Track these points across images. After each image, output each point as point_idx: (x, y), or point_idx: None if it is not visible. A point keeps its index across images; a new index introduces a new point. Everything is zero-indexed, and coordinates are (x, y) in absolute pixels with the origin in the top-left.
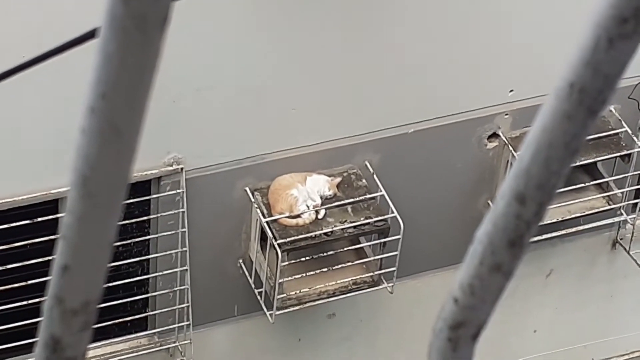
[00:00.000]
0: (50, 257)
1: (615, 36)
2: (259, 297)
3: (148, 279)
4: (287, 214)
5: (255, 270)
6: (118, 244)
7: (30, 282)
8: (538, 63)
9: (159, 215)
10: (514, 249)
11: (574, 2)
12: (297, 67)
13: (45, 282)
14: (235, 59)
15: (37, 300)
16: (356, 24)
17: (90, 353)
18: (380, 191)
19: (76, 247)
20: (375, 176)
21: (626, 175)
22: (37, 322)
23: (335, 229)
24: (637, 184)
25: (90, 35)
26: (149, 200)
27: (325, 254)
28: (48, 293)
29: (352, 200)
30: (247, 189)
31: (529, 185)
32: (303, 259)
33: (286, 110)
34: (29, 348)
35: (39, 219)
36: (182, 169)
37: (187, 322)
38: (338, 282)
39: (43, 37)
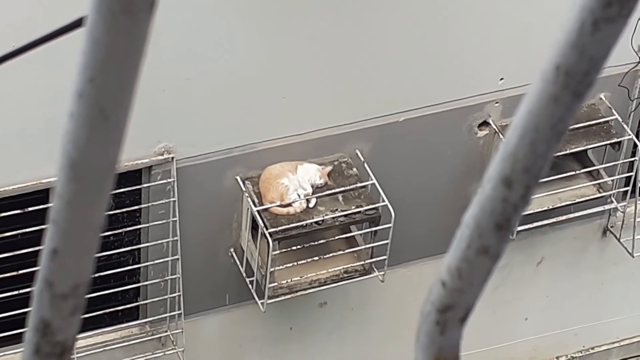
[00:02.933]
0: (40, 247)
1: (600, 19)
2: (250, 286)
3: (139, 268)
4: (278, 203)
5: (247, 259)
6: (109, 233)
7: (20, 271)
8: (528, 51)
9: (149, 204)
10: (501, 232)
11: None
12: (287, 55)
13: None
14: (225, 47)
15: (27, 290)
16: (346, 13)
17: (82, 342)
18: (371, 180)
19: (65, 230)
20: (366, 165)
21: (616, 163)
22: (28, 312)
23: (326, 217)
24: (628, 172)
25: (77, 23)
26: (140, 189)
27: (316, 242)
28: (38, 277)
29: (343, 189)
30: (238, 178)
31: (515, 168)
32: (294, 247)
33: (276, 99)
34: (19, 338)
35: (29, 209)
36: (172, 158)
37: (179, 312)
38: (329, 270)
39: (31, 26)
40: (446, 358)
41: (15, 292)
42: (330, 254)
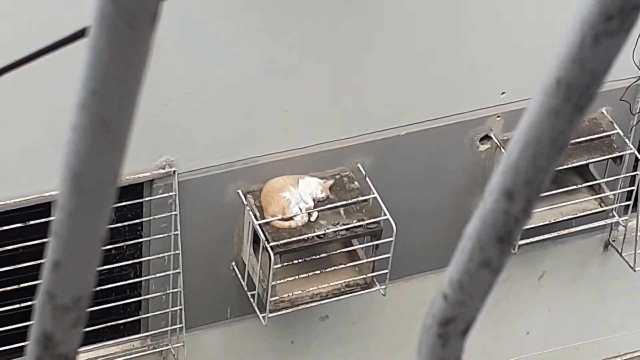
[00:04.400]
0: (42, 260)
1: (601, 33)
2: (251, 300)
3: (141, 281)
4: (279, 217)
5: (248, 272)
6: (111, 246)
7: (22, 285)
8: (530, 65)
9: (151, 218)
10: (503, 245)
11: (563, 6)
12: (288, 69)
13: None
14: (227, 62)
15: (29, 302)
16: (348, 28)
17: (83, 356)
18: (373, 193)
19: (67, 243)
20: (367, 178)
21: (618, 177)
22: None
23: (327, 231)
24: (629, 186)
25: (80, 34)
26: (142, 203)
27: (317, 256)
28: (39, 290)
29: (344, 202)
30: (240, 191)
31: (517, 181)
32: (296, 261)
33: (278, 113)
34: (22, 351)
35: (31, 222)
36: (174, 171)
37: (180, 325)
38: (331, 284)
39: (32, 38)
40: None
41: (17, 305)
42: (332, 268)
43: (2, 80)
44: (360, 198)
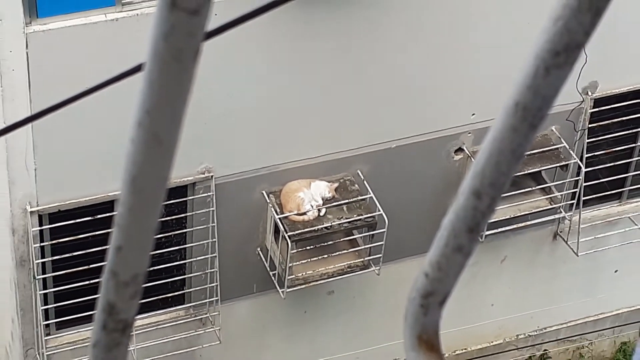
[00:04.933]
0: (107, 246)
1: (551, 66)
2: (273, 278)
3: (185, 263)
4: (295, 212)
5: (270, 256)
6: (161, 235)
7: (92, 265)
8: (494, 93)
9: (193, 213)
10: (472, 234)
11: (520, 44)
12: (303, 96)
13: (103, 265)
14: (253, 91)
15: (97, 279)
16: (352, 63)
17: (139, 322)
18: (369, 194)
19: (127, 231)
20: (365, 182)
21: (564, 181)
22: (97, 297)
23: (333, 223)
24: (573, 188)
25: (137, 68)
26: (186, 201)
27: (325, 243)
28: (105, 269)
29: (346, 201)
30: (264, 192)
31: (483, 183)
32: (308, 247)
33: (294, 130)
34: (91, 318)
35: (99, 216)
36: (212, 176)
37: (216, 298)
38: (335, 266)
39: (100, 69)
40: (428, 335)
41: (88, 282)
42: (337, 253)
43: (81, 104)
44: (359, 197)
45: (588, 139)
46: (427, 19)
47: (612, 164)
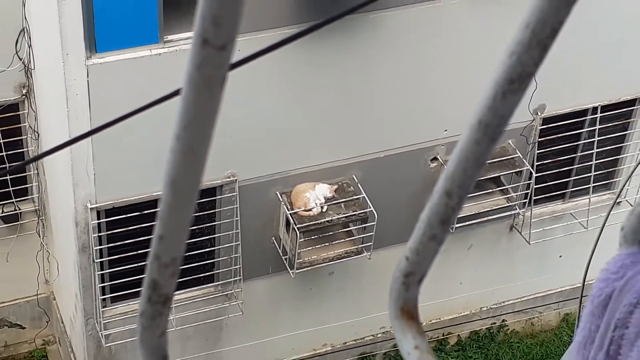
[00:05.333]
0: (151, 235)
1: (507, 91)
2: (284, 262)
3: (214, 249)
4: (302, 209)
5: (283, 244)
6: (195, 227)
7: (139, 251)
8: (463, 112)
9: (221, 209)
10: (444, 226)
11: (484, 73)
12: (308, 116)
13: (148, 251)
14: (269, 111)
15: (143, 262)
16: (347, 93)
17: (177, 297)
18: (362, 194)
19: (167, 224)
20: (359, 185)
21: (519, 184)
22: (144, 276)
23: (333, 218)
24: (526, 190)
25: (176, 92)
26: (215, 200)
27: (327, 234)
28: (150, 253)
29: (344, 199)
30: (277, 192)
31: (453, 185)
32: (313, 237)
33: (301, 143)
34: (139, 293)
35: (145, 211)
36: (236, 180)
37: (239, 277)
38: (335, 252)
39: (148, 93)
40: (409, 307)
41: (136, 265)
42: (336, 241)
43: (130, 121)
44: (354, 197)
45: (538, 150)
46: (408, 55)
47: (557, 170)
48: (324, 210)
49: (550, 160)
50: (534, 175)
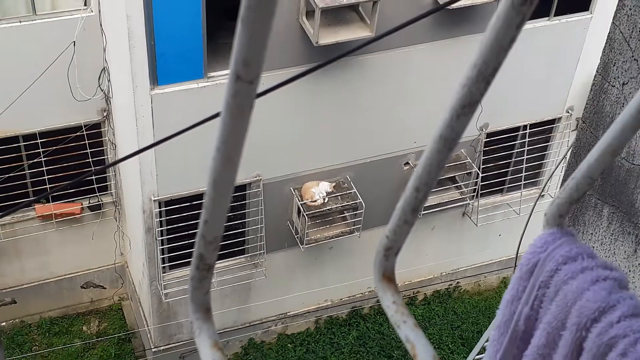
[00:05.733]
0: (199, 220)
1: (460, 114)
2: (297, 239)
3: (245, 230)
4: (309, 200)
5: (295, 226)
6: (231, 213)
7: (190, 231)
8: (428, 129)
9: (250, 200)
10: (414, 213)
11: (443, 100)
12: (315, 131)
13: (196, 231)
14: (286, 127)
15: (193, 240)
16: (344, 114)
17: (218, 265)
18: (354, 189)
19: (210, 212)
20: (351, 182)
21: (469, 182)
22: (193, 250)
23: (332, 207)
24: (474, 186)
25: (216, 115)
26: (245, 194)
27: (327, 219)
28: (198, 233)
29: (340, 193)
30: (291, 188)
31: (420, 183)
32: (317, 221)
33: (309, 151)
34: (189, 263)
35: (194, 202)
36: (261, 179)
37: (263, 251)
38: (334, 232)
39: (198, 114)
40: (388, 273)
41: (188, 242)
42: (335, 224)
43: (183, 136)
44: (348, 191)
45: (483, 157)
46: (387, 87)
47: (497, 171)
48: (325, 201)
49: (492, 164)
50: (480, 175)
